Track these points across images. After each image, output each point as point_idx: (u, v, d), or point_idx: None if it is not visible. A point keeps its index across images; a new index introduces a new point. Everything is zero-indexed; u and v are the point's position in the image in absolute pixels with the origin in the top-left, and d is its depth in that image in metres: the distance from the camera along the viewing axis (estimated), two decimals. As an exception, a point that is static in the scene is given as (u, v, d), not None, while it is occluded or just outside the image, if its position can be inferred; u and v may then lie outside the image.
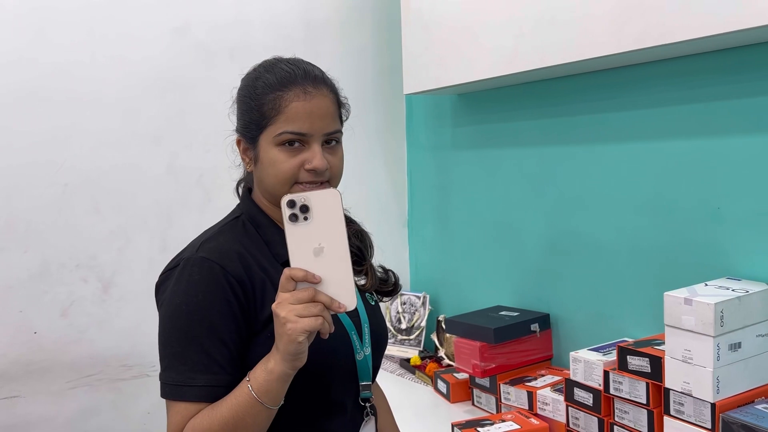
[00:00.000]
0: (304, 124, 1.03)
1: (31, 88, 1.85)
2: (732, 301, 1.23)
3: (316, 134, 1.04)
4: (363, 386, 1.12)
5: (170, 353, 0.99)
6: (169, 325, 1.00)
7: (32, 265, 1.87)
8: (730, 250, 1.41)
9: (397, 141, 2.47)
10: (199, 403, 0.96)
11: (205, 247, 1.03)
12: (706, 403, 1.22)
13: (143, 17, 1.99)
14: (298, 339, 0.88)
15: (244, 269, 1.01)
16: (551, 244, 1.87)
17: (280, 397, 0.94)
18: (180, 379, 0.97)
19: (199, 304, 0.98)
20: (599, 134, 1.70)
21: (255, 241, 1.07)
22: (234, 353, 0.99)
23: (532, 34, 1.64)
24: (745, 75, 1.37)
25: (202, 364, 0.96)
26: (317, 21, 2.28)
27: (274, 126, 1.04)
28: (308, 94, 1.04)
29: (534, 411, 1.63)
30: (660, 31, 1.34)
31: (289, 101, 1.03)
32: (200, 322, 0.98)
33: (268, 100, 1.04)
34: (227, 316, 0.98)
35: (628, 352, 1.37)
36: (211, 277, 0.99)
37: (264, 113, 1.04)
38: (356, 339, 1.10)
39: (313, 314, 0.89)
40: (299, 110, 1.03)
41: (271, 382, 0.92)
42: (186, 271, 1.00)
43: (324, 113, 1.05)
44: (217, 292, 0.98)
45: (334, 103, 1.09)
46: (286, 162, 1.03)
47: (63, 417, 1.91)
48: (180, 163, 2.03)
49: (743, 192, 1.39)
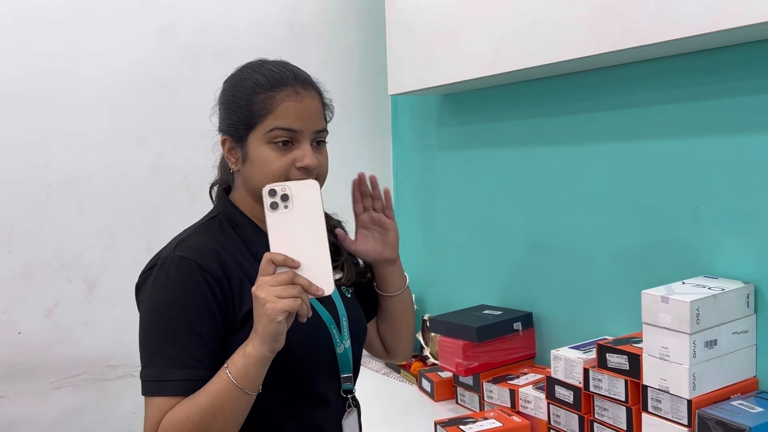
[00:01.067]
0: (296, 121, 1.05)
1: (16, 89, 1.84)
2: (708, 299, 1.25)
3: (307, 132, 1.06)
4: (344, 378, 1.14)
5: (149, 350, 1.00)
6: (147, 324, 1.02)
7: (16, 266, 1.86)
8: (707, 249, 1.43)
9: (383, 141, 2.48)
10: (177, 397, 0.97)
11: (182, 246, 1.04)
12: (682, 400, 1.24)
13: (129, 18, 1.99)
14: (278, 318, 0.90)
15: (220, 266, 1.02)
16: (534, 243, 1.88)
17: (259, 381, 0.96)
18: (158, 375, 0.98)
19: (176, 301, 0.99)
20: (580, 135, 1.72)
21: (232, 239, 1.08)
22: (212, 349, 1.00)
23: (514, 36, 1.65)
24: (721, 76, 1.39)
25: (179, 358, 0.97)
26: (303, 22, 2.28)
27: (264, 124, 1.05)
28: (299, 94, 1.06)
29: (516, 409, 1.65)
30: (637, 33, 1.36)
31: (281, 101, 1.05)
32: (178, 318, 0.99)
33: (259, 99, 1.05)
34: (205, 313, 1.00)
35: (607, 350, 1.39)
36: (188, 275, 1.00)
37: (254, 112, 1.05)
38: (335, 332, 1.12)
39: (292, 295, 0.92)
40: (290, 109, 1.05)
41: (250, 366, 0.94)
42: (163, 270, 1.01)
43: (313, 113, 1.08)
44: (194, 289, 1.00)
45: (320, 104, 1.11)
46: (277, 160, 1.05)
47: (48, 418, 1.90)
48: (165, 163, 2.03)
49: (720, 192, 1.41)
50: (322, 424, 1.11)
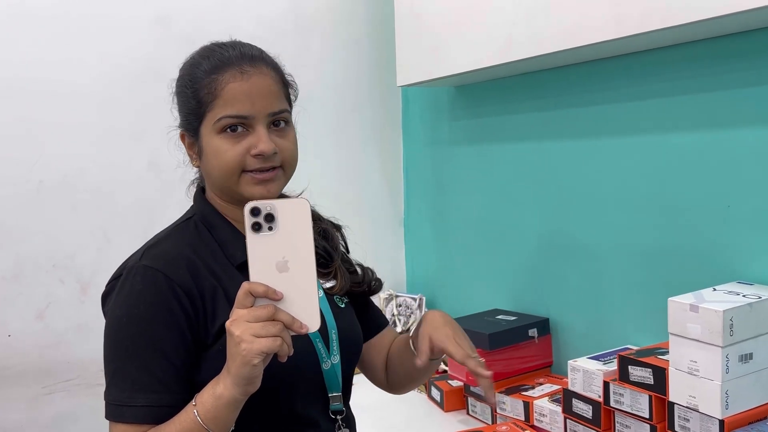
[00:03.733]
0: (244, 105, 0.95)
1: (5, 81, 1.78)
2: (743, 307, 1.15)
3: (259, 115, 0.96)
4: (332, 398, 1.05)
5: (112, 369, 0.92)
6: (110, 340, 0.94)
7: (5, 266, 1.80)
8: (740, 252, 1.34)
9: (393, 136, 2.39)
10: (139, 425, 0.89)
11: (150, 254, 0.95)
12: (713, 420, 1.14)
13: (123, 6, 1.91)
14: (253, 362, 0.80)
15: (192, 277, 0.94)
16: (551, 244, 1.80)
17: (230, 424, 0.87)
18: (120, 398, 0.90)
19: (140, 316, 0.91)
20: (601, 127, 1.63)
21: (207, 243, 0.99)
22: (180, 369, 0.91)
23: (527, 21, 1.56)
24: (756, 61, 1.29)
25: (142, 382, 0.89)
26: (307, 11, 2.20)
27: (212, 112, 0.96)
28: (245, 73, 0.96)
29: (530, 422, 1.55)
30: (663, 14, 1.25)
31: (225, 83, 0.96)
32: (141, 335, 0.90)
33: (204, 85, 0.97)
34: (172, 329, 0.91)
35: (630, 362, 1.28)
36: (154, 287, 0.91)
37: (200, 100, 0.97)
38: (322, 347, 1.02)
39: (271, 334, 0.80)
40: (236, 91, 0.95)
41: (220, 408, 0.84)
42: (128, 281, 0.93)
43: (265, 92, 0.97)
44: (161, 302, 0.91)
45: (277, 82, 1.00)
46: (230, 150, 0.96)
47: (39, 424, 1.84)
48: (161, 160, 1.95)
49: (755, 189, 1.31)
50: None
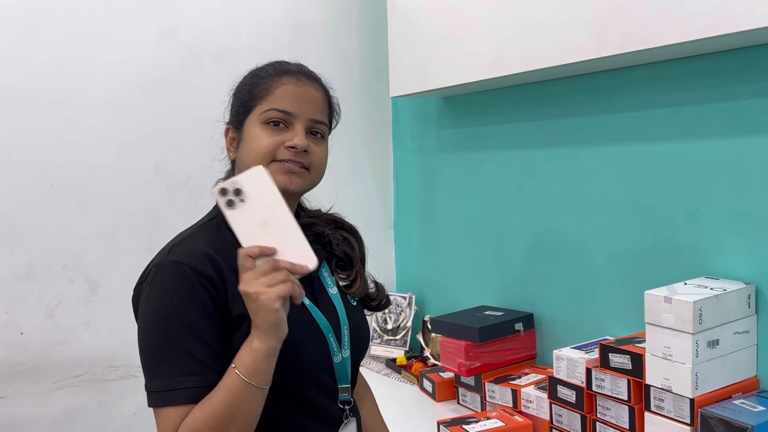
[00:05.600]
0: (291, 104, 1.05)
1: (19, 88, 1.84)
2: (710, 299, 1.26)
3: (302, 116, 1.06)
4: (342, 389, 1.11)
5: (153, 361, 0.98)
6: (148, 334, 0.99)
7: (18, 266, 1.86)
8: (708, 250, 1.44)
9: (384, 143, 2.49)
10: (187, 405, 0.95)
11: (176, 251, 1.01)
12: (685, 399, 1.25)
13: (131, 18, 1.99)
14: (275, 306, 0.90)
15: (214, 269, 1.00)
16: (535, 244, 1.89)
17: (270, 374, 0.95)
18: (167, 384, 0.95)
19: (174, 307, 0.97)
20: (581, 137, 1.73)
21: (228, 242, 1.03)
22: (218, 352, 0.98)
23: (516, 39, 1.66)
24: (722, 80, 1.41)
25: (187, 366, 0.95)
26: (304, 24, 2.29)
27: (261, 105, 1.06)
28: (301, 81, 1.07)
29: (518, 409, 1.65)
30: (640, 37, 1.38)
31: (281, 84, 1.06)
32: (179, 325, 0.96)
33: (261, 83, 1.07)
34: (204, 316, 0.97)
35: (610, 350, 1.40)
36: (184, 280, 0.98)
37: (253, 95, 1.07)
38: (334, 341, 1.09)
39: (280, 281, 0.91)
40: (288, 92, 1.05)
41: (259, 360, 0.93)
42: (158, 277, 1.00)
43: (313, 100, 1.08)
44: (192, 293, 0.97)
45: (325, 101, 1.11)
46: (266, 138, 1.04)
47: (49, 418, 1.90)
48: (167, 164, 2.03)
49: (721, 194, 1.42)
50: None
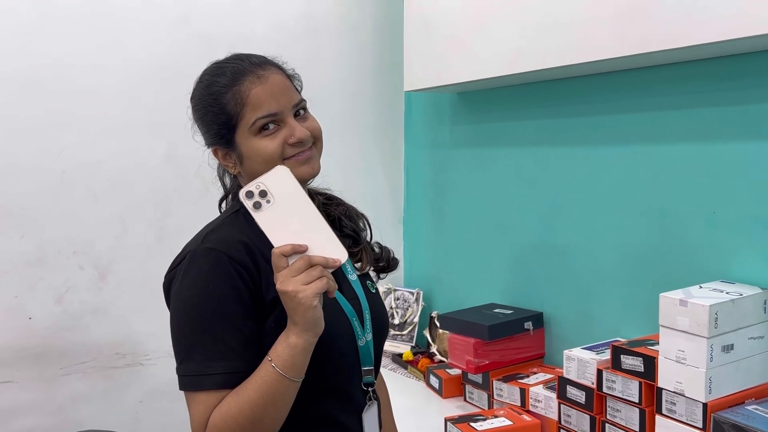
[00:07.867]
0: (271, 104, 1.06)
1: (31, 76, 1.84)
2: (726, 303, 1.25)
3: (285, 110, 1.07)
4: (365, 371, 1.14)
5: (186, 345, 1.00)
6: (182, 319, 1.02)
7: (28, 251, 1.86)
8: (724, 254, 1.43)
9: (395, 138, 2.48)
10: (219, 390, 0.98)
11: (211, 238, 1.04)
12: (698, 403, 1.24)
13: (144, 6, 1.99)
14: (313, 304, 0.93)
15: (249, 256, 1.03)
16: (546, 244, 1.88)
17: (305, 368, 0.98)
18: (198, 369, 0.98)
19: (209, 293, 1.00)
20: (597, 136, 1.72)
21: (257, 233, 1.06)
22: (249, 339, 1.01)
23: (535, 36, 1.65)
24: (742, 82, 1.39)
25: (218, 352, 0.98)
26: (319, 14, 2.28)
27: (244, 119, 1.06)
28: (261, 77, 1.07)
29: (526, 408, 1.65)
30: (662, 37, 1.36)
31: (248, 90, 1.05)
32: (213, 311, 0.99)
33: (228, 99, 1.06)
34: (238, 303, 1.00)
35: (622, 352, 1.39)
36: (219, 266, 1.00)
37: (229, 113, 1.06)
38: (357, 325, 1.12)
39: (316, 278, 0.95)
40: (260, 94, 1.06)
41: (296, 355, 0.96)
42: (194, 263, 1.02)
43: (283, 88, 1.08)
44: (226, 280, 1.00)
45: (286, 78, 1.12)
46: (269, 145, 1.06)
47: (55, 403, 1.91)
48: (179, 153, 2.03)
49: (738, 197, 1.41)
50: (343, 417, 1.11)
